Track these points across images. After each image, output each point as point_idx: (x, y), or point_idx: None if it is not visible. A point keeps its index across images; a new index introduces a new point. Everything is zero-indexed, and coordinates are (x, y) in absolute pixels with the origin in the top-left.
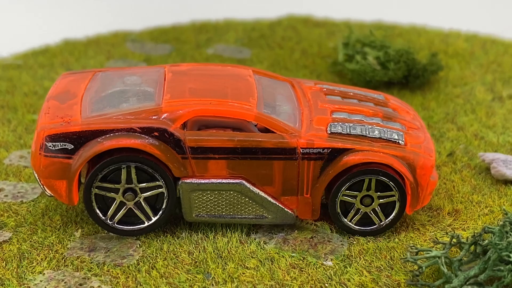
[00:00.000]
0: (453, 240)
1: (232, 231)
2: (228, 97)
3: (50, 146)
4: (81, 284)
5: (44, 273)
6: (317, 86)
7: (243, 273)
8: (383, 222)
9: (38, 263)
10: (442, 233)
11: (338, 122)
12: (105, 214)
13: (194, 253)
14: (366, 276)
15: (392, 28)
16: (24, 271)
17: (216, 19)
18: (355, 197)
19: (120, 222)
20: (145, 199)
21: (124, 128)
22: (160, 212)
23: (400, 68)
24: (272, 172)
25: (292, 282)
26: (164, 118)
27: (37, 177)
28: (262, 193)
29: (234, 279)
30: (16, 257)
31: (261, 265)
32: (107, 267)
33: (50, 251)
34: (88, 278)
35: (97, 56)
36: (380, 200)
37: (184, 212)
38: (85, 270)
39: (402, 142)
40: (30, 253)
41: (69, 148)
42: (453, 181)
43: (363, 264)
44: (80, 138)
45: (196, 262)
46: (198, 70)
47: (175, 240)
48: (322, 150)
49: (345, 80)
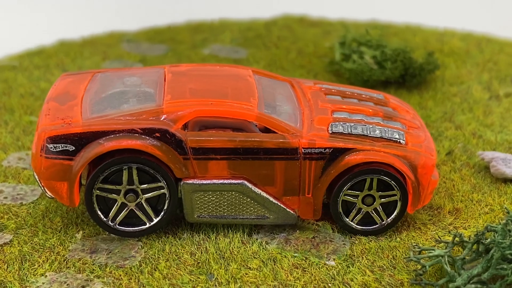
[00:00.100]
0: (456, 239)
1: (234, 232)
2: (229, 98)
3: (51, 148)
4: (84, 286)
5: (46, 275)
6: (317, 86)
7: (246, 274)
8: (385, 222)
9: (40, 265)
10: (444, 232)
11: (339, 122)
12: (107, 216)
13: (196, 254)
14: (369, 276)
15: (387, 28)
16: (26, 273)
17: (212, 19)
18: (357, 197)
19: (122, 224)
20: (147, 200)
21: (126, 129)
22: (162, 213)
23: (397, 67)
24: (274, 172)
25: (296, 282)
26: (166, 119)
27: (38, 179)
28: (264, 194)
29: (237, 280)
30: (18, 259)
31: (264, 266)
32: (110, 269)
33: (52, 253)
34: (91, 280)
35: (93, 57)
36: (382, 200)
37: (186, 213)
38: (87, 272)
39: (403, 142)
40: (32, 255)
41: (70, 150)
42: (453, 180)
43: (366, 264)
44: (82, 140)
45: (199, 263)
46: (198, 71)
47: (177, 241)
48: (324, 150)
49: (342, 80)
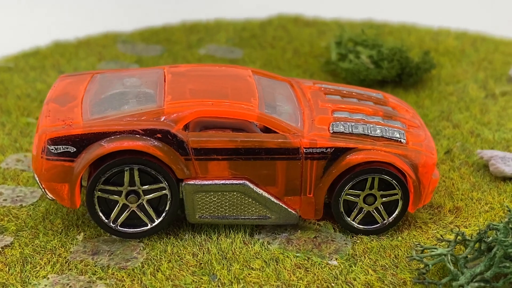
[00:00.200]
0: (458, 238)
1: (235, 232)
2: (229, 98)
3: (52, 150)
4: None
5: (49, 277)
6: (316, 86)
7: (249, 274)
8: (386, 221)
9: (42, 267)
10: (445, 231)
11: (340, 122)
12: (108, 217)
13: (199, 255)
14: (372, 275)
15: (382, 27)
16: (28, 276)
17: (207, 19)
18: (358, 196)
19: (123, 225)
20: (148, 201)
21: (127, 130)
22: (164, 214)
23: (394, 67)
24: (275, 173)
25: (299, 282)
26: (167, 120)
27: (39, 181)
28: (266, 194)
29: (240, 280)
30: (19, 262)
31: (266, 266)
32: (112, 270)
33: (53, 255)
34: (93, 282)
35: (88, 58)
36: (383, 199)
37: (187, 214)
38: (90, 274)
39: (404, 141)
40: (33, 258)
41: (72, 151)
42: (452, 179)
43: (368, 263)
44: (83, 141)
45: (201, 264)
46: (198, 71)
47: (179, 242)
48: (325, 150)
49: (339, 79)
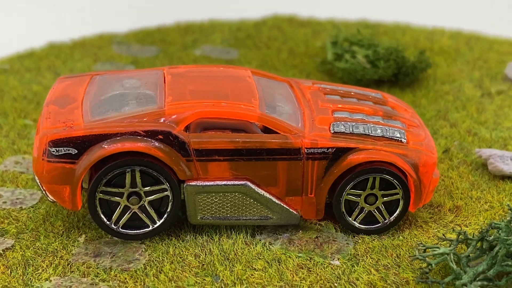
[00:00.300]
0: (460, 237)
1: (237, 233)
2: (229, 98)
3: (54, 152)
4: None
5: (51, 280)
6: (315, 86)
7: (252, 275)
8: (387, 220)
9: (44, 270)
10: (445, 230)
11: (341, 122)
12: (110, 219)
13: (201, 256)
14: (374, 275)
15: (377, 27)
16: (30, 278)
17: (201, 20)
18: (359, 196)
19: (125, 227)
20: (150, 203)
21: (128, 132)
22: (165, 216)
23: (390, 66)
24: (277, 173)
25: (302, 283)
26: (168, 121)
27: (39, 183)
28: (267, 194)
29: (243, 281)
30: (21, 264)
31: (269, 266)
32: (114, 272)
33: (55, 257)
34: (96, 284)
35: (84, 59)
36: (384, 198)
37: (189, 215)
38: (92, 276)
39: (405, 140)
40: (35, 260)
41: (73, 153)
42: (451, 178)
43: (370, 263)
44: (84, 143)
45: (204, 265)
46: (197, 72)
47: (181, 243)
48: (327, 150)
49: (335, 79)
